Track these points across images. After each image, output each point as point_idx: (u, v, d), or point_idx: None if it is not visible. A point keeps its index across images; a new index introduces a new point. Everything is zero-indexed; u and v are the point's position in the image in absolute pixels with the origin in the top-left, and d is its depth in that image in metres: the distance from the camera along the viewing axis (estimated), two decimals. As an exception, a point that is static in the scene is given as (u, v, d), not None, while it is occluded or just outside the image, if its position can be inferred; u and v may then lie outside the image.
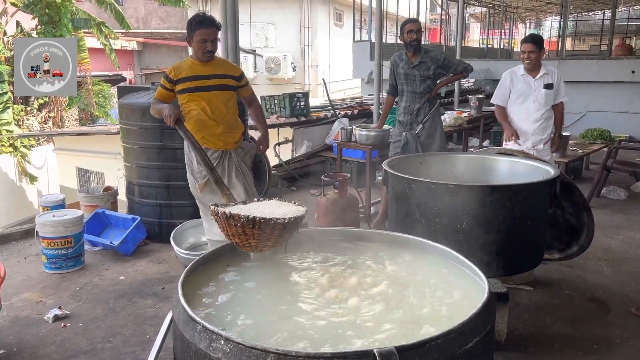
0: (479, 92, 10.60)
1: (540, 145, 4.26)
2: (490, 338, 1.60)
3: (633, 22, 24.02)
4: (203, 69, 3.25)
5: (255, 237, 1.88)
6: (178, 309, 1.58)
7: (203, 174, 3.31)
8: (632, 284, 3.58)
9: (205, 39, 3.15)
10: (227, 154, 3.38)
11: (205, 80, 3.24)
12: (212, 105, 3.26)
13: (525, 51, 4.18)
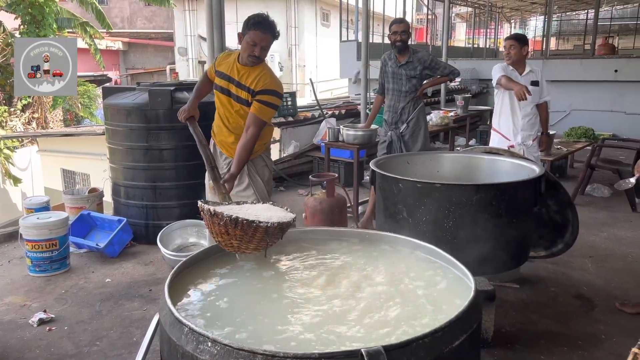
0: (465, 91, 10.67)
1: (529, 141, 4.31)
2: (477, 336, 1.61)
3: (616, 22, 24.36)
4: (236, 72, 3.00)
5: (237, 238, 1.87)
6: (165, 311, 1.57)
7: None
8: (616, 281, 3.63)
9: (256, 42, 2.88)
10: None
11: (232, 85, 3.01)
12: (229, 113, 3.09)
13: (506, 46, 4.27)
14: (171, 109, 4.18)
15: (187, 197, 4.36)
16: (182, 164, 4.31)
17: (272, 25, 2.94)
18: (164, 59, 21.83)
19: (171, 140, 4.25)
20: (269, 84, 2.97)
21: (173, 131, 4.24)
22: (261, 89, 2.95)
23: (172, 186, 4.33)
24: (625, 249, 4.26)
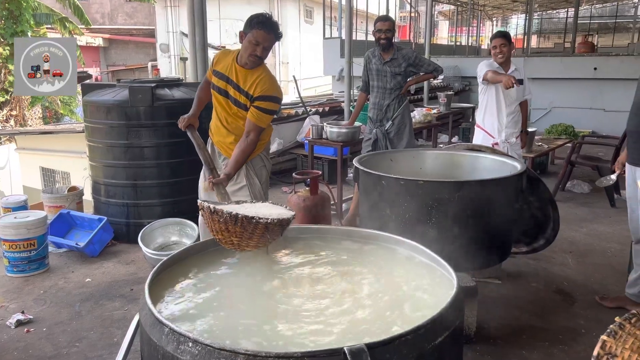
0: (448, 89, 10.74)
1: (512, 138, 4.35)
2: (459, 332, 1.61)
3: (595, 20, 24.77)
4: (236, 74, 2.94)
5: (237, 235, 1.86)
6: (145, 311, 1.54)
7: None
8: (595, 276, 3.68)
9: (259, 41, 2.83)
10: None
11: (230, 86, 2.95)
12: (227, 114, 3.02)
13: (497, 45, 4.23)
14: (152, 106, 4.13)
15: (169, 195, 4.32)
16: (164, 162, 4.27)
17: (275, 26, 2.90)
18: (145, 55, 21.59)
19: (152, 137, 4.20)
20: (267, 89, 2.90)
21: (154, 129, 4.19)
22: (259, 94, 2.89)
23: (154, 184, 4.28)
24: (605, 244, 4.33)
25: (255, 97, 2.89)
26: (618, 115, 10.51)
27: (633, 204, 2.98)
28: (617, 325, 1.44)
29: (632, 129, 2.86)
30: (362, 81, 4.81)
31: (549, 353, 2.71)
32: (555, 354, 2.70)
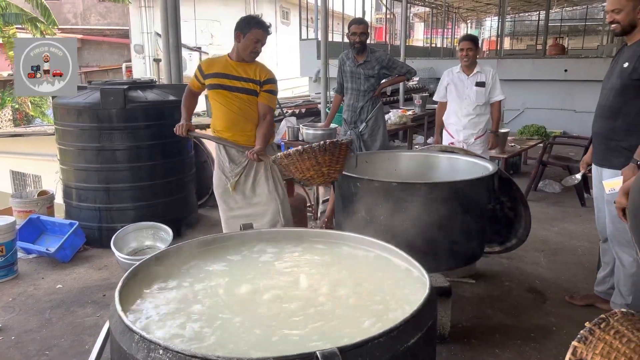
0: (423, 90, 10.85)
1: (471, 139, 4.42)
2: (432, 333, 1.63)
3: (566, 23, 25.32)
4: (233, 69, 3.20)
5: (326, 164, 2.27)
6: (115, 318, 1.52)
7: (235, 172, 3.29)
8: (566, 274, 3.76)
9: (259, 39, 3.17)
10: None
11: (231, 80, 3.19)
12: (239, 107, 3.22)
13: (464, 48, 4.33)
14: (124, 108, 4.07)
15: (142, 198, 4.26)
16: (137, 165, 4.21)
17: (268, 25, 3.28)
18: (119, 56, 21.24)
19: (125, 140, 4.14)
20: (269, 73, 3.28)
21: (127, 131, 4.13)
22: (266, 79, 3.23)
23: (127, 188, 4.22)
24: (575, 242, 4.42)
25: (263, 81, 3.22)
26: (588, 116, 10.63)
27: (600, 204, 3.05)
28: (587, 330, 1.46)
29: (596, 130, 2.93)
30: (337, 83, 4.82)
31: (521, 351, 2.76)
32: (527, 352, 2.75)
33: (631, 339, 1.42)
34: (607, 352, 1.40)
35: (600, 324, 1.45)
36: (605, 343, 1.41)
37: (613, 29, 2.76)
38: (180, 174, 4.52)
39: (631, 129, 2.69)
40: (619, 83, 2.72)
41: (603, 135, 2.86)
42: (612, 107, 2.78)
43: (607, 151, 2.83)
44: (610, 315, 1.49)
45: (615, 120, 2.77)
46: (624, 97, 2.72)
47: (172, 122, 4.36)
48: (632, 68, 2.65)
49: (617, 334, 1.43)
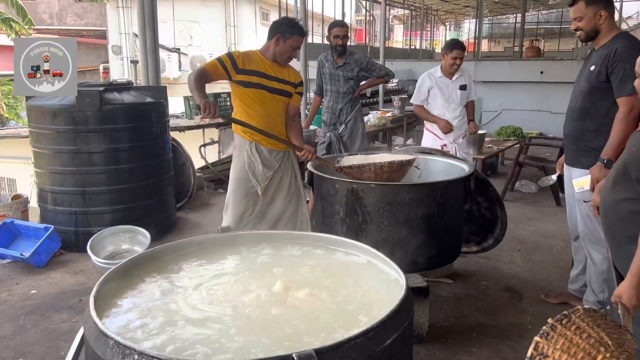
0: (402, 92, 10.93)
1: (460, 139, 4.49)
2: (409, 333, 1.64)
3: (542, 26, 25.76)
4: (270, 69, 3.17)
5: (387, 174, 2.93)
6: (89, 323, 1.50)
7: (267, 175, 3.25)
8: (542, 273, 3.83)
9: (298, 46, 3.20)
10: (287, 154, 3.37)
11: (271, 81, 3.16)
12: (275, 109, 3.22)
13: (457, 57, 4.33)
14: (100, 110, 4.01)
15: (119, 202, 4.21)
16: (114, 168, 4.16)
17: (306, 30, 3.34)
18: (97, 57, 20.94)
19: (101, 143, 4.08)
20: (300, 75, 3.39)
21: (103, 134, 4.08)
22: (299, 81, 3.33)
23: (104, 191, 4.16)
24: (551, 241, 4.50)
25: (297, 83, 3.29)
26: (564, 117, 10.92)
27: (571, 202, 3.14)
28: (550, 326, 1.49)
29: (567, 131, 3.01)
30: (316, 85, 4.84)
31: (497, 349, 2.80)
32: (503, 350, 2.79)
33: (591, 334, 1.47)
34: (567, 347, 1.44)
35: (562, 320, 1.50)
36: (566, 338, 1.45)
37: (578, 35, 2.87)
38: (158, 176, 4.48)
39: (600, 129, 2.77)
40: (587, 86, 2.82)
41: (573, 136, 2.94)
42: (582, 109, 2.86)
43: (577, 151, 2.91)
44: (573, 312, 1.53)
45: (584, 122, 2.86)
46: (592, 99, 2.81)
47: (150, 124, 4.37)
48: (597, 71, 2.74)
49: (578, 330, 1.47)
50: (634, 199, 1.92)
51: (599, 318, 1.54)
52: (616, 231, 2.03)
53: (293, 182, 3.35)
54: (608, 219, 2.08)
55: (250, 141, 3.22)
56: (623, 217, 1.97)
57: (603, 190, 2.13)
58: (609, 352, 1.43)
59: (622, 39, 2.73)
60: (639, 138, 1.96)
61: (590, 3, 2.73)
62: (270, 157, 3.25)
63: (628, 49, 2.64)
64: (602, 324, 1.52)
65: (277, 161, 3.27)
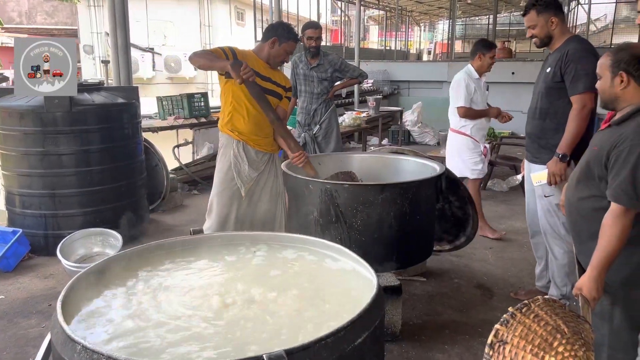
0: (377, 92, 11.00)
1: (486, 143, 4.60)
2: (380, 331, 1.66)
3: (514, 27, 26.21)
4: (264, 70, 3.15)
5: None
6: (56, 328, 1.48)
7: (252, 176, 3.19)
8: (512, 270, 3.91)
9: (291, 51, 3.22)
10: (273, 156, 3.34)
11: (264, 81, 3.12)
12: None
13: (494, 56, 4.38)
14: (70, 111, 3.94)
15: (90, 204, 4.14)
16: (84, 170, 4.09)
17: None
18: (68, 56, 20.50)
19: (71, 144, 4.01)
20: (289, 81, 3.38)
21: (73, 135, 4.01)
22: (289, 86, 3.34)
23: (74, 193, 4.09)
24: (521, 239, 4.59)
25: (287, 88, 3.29)
26: (534, 117, 11.19)
27: (530, 198, 3.25)
28: (510, 314, 1.55)
29: (529, 130, 3.14)
30: (291, 85, 4.84)
31: (469, 346, 2.85)
32: (474, 347, 2.84)
33: (548, 322, 1.53)
34: (525, 334, 1.49)
35: (522, 308, 1.56)
36: (524, 326, 1.51)
37: (534, 42, 3.05)
38: (130, 178, 4.42)
39: (558, 127, 2.91)
40: (544, 87, 2.97)
41: (534, 135, 3.08)
42: (541, 109, 3.01)
43: (539, 149, 3.05)
44: (533, 301, 1.59)
45: (544, 121, 3.00)
46: (550, 99, 2.95)
47: (121, 125, 4.31)
48: (553, 72, 2.89)
49: (536, 318, 1.53)
50: (596, 197, 1.98)
51: (558, 308, 1.60)
52: (580, 228, 2.09)
53: (275, 185, 3.33)
54: (572, 216, 2.14)
55: (237, 140, 3.17)
56: (586, 214, 2.04)
57: (567, 189, 2.19)
58: (564, 339, 1.48)
59: (573, 42, 2.89)
60: (600, 137, 2.02)
61: (541, 11, 2.90)
62: (256, 159, 3.21)
63: (579, 50, 2.81)
64: (561, 313, 1.58)
65: (263, 163, 3.24)
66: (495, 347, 1.50)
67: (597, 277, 1.84)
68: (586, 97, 2.77)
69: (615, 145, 1.87)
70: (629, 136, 1.84)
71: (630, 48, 1.94)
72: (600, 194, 1.96)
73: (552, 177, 2.84)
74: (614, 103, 1.98)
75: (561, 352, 1.46)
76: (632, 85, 1.91)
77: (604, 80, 1.98)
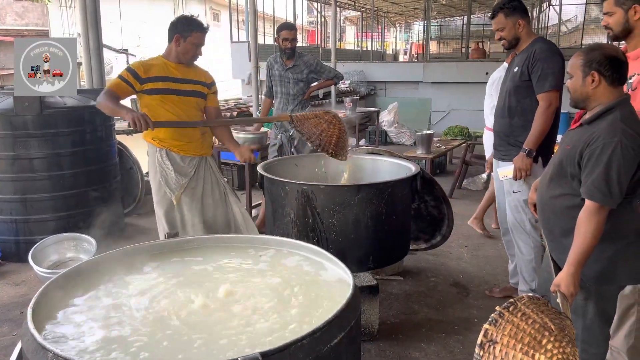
0: (354, 93, 11.05)
1: None
2: (356, 331, 1.67)
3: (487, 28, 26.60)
4: (176, 71, 3.02)
5: None
6: (27, 336, 1.45)
7: (181, 183, 3.06)
8: (487, 267, 3.97)
9: (200, 43, 3.03)
10: (205, 160, 3.18)
11: (179, 83, 3.00)
12: (188, 112, 3.04)
13: None
14: (41, 114, 3.86)
15: (63, 209, 4.07)
16: (56, 174, 4.01)
17: (206, 25, 3.12)
18: (39, 58, 20.06)
19: (43, 148, 3.93)
20: (211, 76, 3.22)
21: (44, 139, 3.93)
22: (211, 81, 3.18)
23: (46, 198, 4.01)
24: (496, 237, 4.67)
25: (209, 83, 3.15)
26: (508, 116, 11.37)
27: (500, 196, 3.31)
28: (498, 314, 1.57)
29: (497, 129, 3.22)
30: (266, 87, 4.83)
31: (445, 344, 2.88)
32: (451, 344, 2.88)
33: (536, 320, 1.56)
34: (515, 333, 1.52)
35: (509, 307, 1.58)
36: (513, 324, 1.53)
37: (502, 44, 3.12)
38: (104, 182, 4.35)
39: (526, 125, 2.99)
40: (512, 85, 3.04)
41: (503, 133, 3.15)
42: (509, 107, 3.08)
43: (507, 146, 3.12)
44: (518, 300, 1.62)
45: (512, 119, 3.07)
46: (517, 97, 3.03)
47: (94, 128, 4.25)
48: (520, 71, 2.98)
49: (524, 316, 1.56)
50: (569, 195, 2.03)
51: (542, 305, 1.64)
52: (552, 225, 2.13)
53: (216, 188, 3.20)
54: (545, 214, 2.18)
55: (160, 148, 3.04)
56: (559, 212, 2.08)
57: (540, 187, 2.24)
58: (552, 336, 1.52)
59: (539, 42, 2.98)
60: (572, 136, 2.07)
61: (509, 15, 2.98)
62: (183, 164, 3.08)
63: (545, 50, 2.90)
64: (545, 310, 1.62)
65: (192, 168, 3.09)
66: (485, 347, 1.52)
67: (575, 273, 1.89)
68: (552, 95, 2.87)
69: (588, 143, 1.91)
70: (601, 135, 1.88)
71: (602, 49, 1.98)
72: (573, 192, 2.00)
73: (518, 172, 2.94)
74: (585, 102, 2.02)
75: (550, 349, 1.49)
76: (602, 84, 1.95)
77: (576, 79, 2.01)
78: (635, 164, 1.86)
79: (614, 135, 1.85)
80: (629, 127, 1.87)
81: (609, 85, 1.95)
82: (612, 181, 1.84)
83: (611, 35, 2.33)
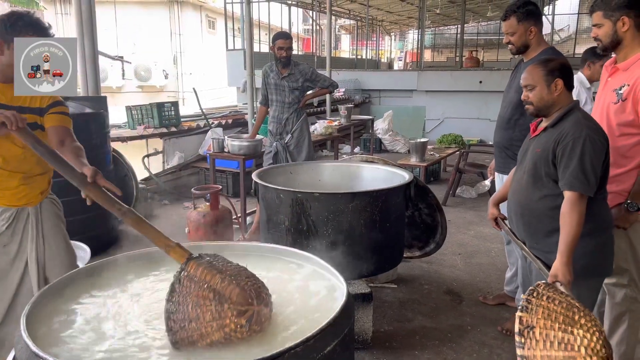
0: (349, 101, 11.10)
1: None
2: (349, 339, 1.68)
3: (481, 37, 26.84)
4: (4, 95, 2.30)
5: None
6: (20, 344, 1.45)
7: None
8: (480, 275, 3.99)
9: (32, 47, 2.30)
10: (26, 212, 2.43)
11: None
12: (2, 149, 2.28)
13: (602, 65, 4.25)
14: (36, 121, 3.85)
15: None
16: (51, 181, 4.00)
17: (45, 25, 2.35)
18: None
19: (37, 155, 3.92)
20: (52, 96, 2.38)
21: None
22: (50, 103, 2.38)
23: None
24: (489, 244, 4.70)
25: (45, 108, 2.38)
26: (502, 124, 11.46)
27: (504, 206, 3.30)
28: (525, 300, 1.66)
29: (497, 140, 3.18)
30: (262, 95, 4.86)
31: (439, 351, 2.89)
32: (444, 352, 2.89)
33: (561, 300, 1.66)
34: (548, 314, 1.60)
35: (532, 293, 1.69)
36: (544, 307, 1.62)
37: (509, 49, 3.05)
38: (98, 189, 4.34)
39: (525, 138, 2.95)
40: (516, 97, 2.95)
41: (502, 145, 3.12)
42: (510, 119, 3.04)
43: (506, 158, 3.09)
44: (537, 286, 1.74)
45: (512, 131, 3.04)
46: (521, 109, 2.94)
47: (89, 136, 4.24)
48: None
49: (549, 299, 1.67)
50: (550, 196, 2.11)
51: (556, 290, 1.75)
52: (535, 228, 2.20)
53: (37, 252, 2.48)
54: (525, 218, 2.24)
55: None
56: (542, 215, 2.15)
57: (514, 196, 2.30)
58: (581, 312, 1.62)
59: (549, 53, 2.89)
60: (538, 140, 2.20)
61: (522, 20, 2.88)
62: None
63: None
64: (562, 293, 1.75)
65: (4, 221, 2.37)
66: (525, 333, 1.58)
67: (567, 261, 1.97)
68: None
69: (559, 141, 2.04)
70: (570, 131, 2.02)
71: (555, 59, 2.17)
72: (552, 193, 2.09)
73: None
74: (550, 109, 2.15)
75: (584, 323, 1.58)
76: (564, 90, 2.11)
77: (540, 89, 2.13)
78: (603, 154, 2.00)
79: (581, 130, 1.99)
80: (592, 122, 2.05)
81: (567, 90, 2.12)
82: (588, 170, 1.96)
83: (600, 46, 2.36)
